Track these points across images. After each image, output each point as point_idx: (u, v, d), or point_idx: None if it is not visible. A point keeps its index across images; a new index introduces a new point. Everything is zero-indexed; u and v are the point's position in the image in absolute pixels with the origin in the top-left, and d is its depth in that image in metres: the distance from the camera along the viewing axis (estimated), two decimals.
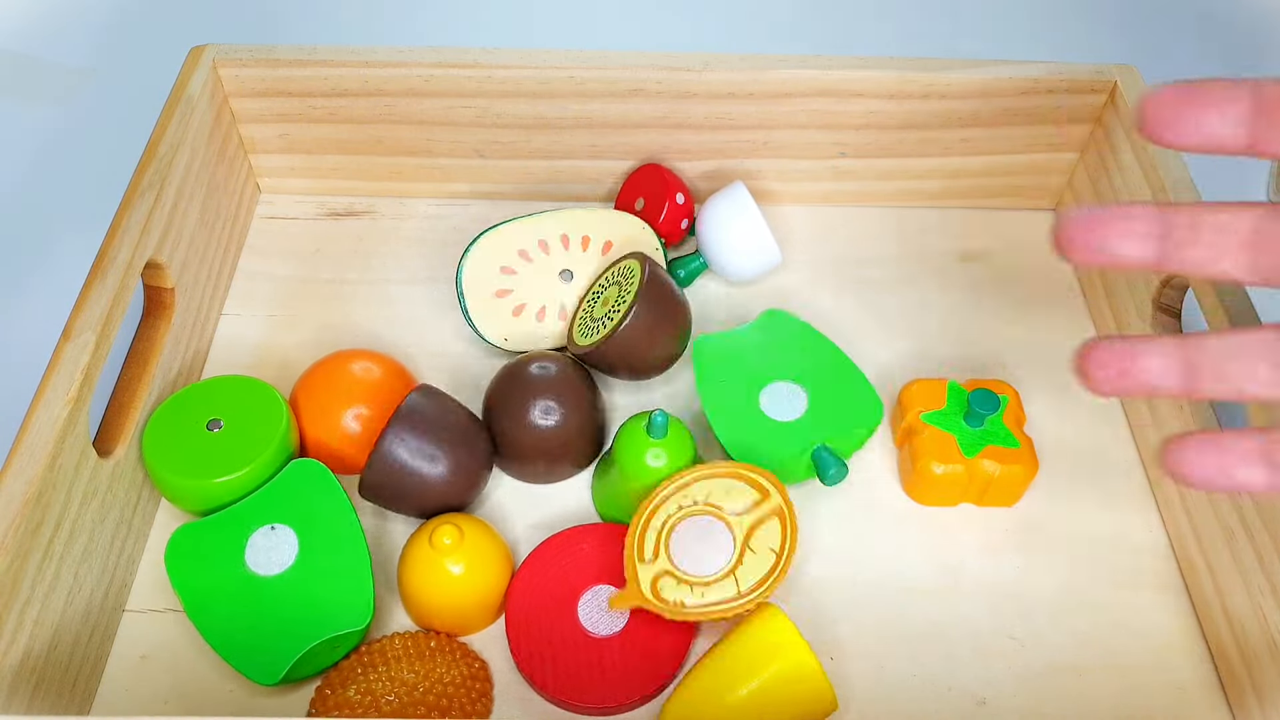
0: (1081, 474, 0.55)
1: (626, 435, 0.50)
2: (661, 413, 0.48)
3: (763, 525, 0.47)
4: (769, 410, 0.53)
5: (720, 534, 0.47)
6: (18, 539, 0.41)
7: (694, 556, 0.46)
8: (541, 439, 0.51)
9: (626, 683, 0.46)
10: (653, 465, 0.49)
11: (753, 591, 0.45)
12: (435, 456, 0.49)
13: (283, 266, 0.63)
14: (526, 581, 0.48)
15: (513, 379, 0.52)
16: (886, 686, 0.48)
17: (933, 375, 0.58)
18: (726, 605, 0.45)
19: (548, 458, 0.52)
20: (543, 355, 0.53)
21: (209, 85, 0.59)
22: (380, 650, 0.46)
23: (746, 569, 0.46)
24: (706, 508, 0.47)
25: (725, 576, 0.46)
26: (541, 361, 0.52)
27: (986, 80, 0.60)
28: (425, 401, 0.50)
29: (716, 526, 0.47)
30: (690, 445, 0.50)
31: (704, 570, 0.46)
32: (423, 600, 0.47)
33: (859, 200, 0.67)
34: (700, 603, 0.45)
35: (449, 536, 0.46)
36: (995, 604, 0.50)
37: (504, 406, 0.52)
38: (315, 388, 0.53)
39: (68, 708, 0.44)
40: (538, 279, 0.57)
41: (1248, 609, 0.46)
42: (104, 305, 0.47)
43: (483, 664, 0.47)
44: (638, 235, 0.59)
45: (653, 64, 0.60)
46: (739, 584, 0.45)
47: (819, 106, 0.61)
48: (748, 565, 0.46)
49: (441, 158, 0.65)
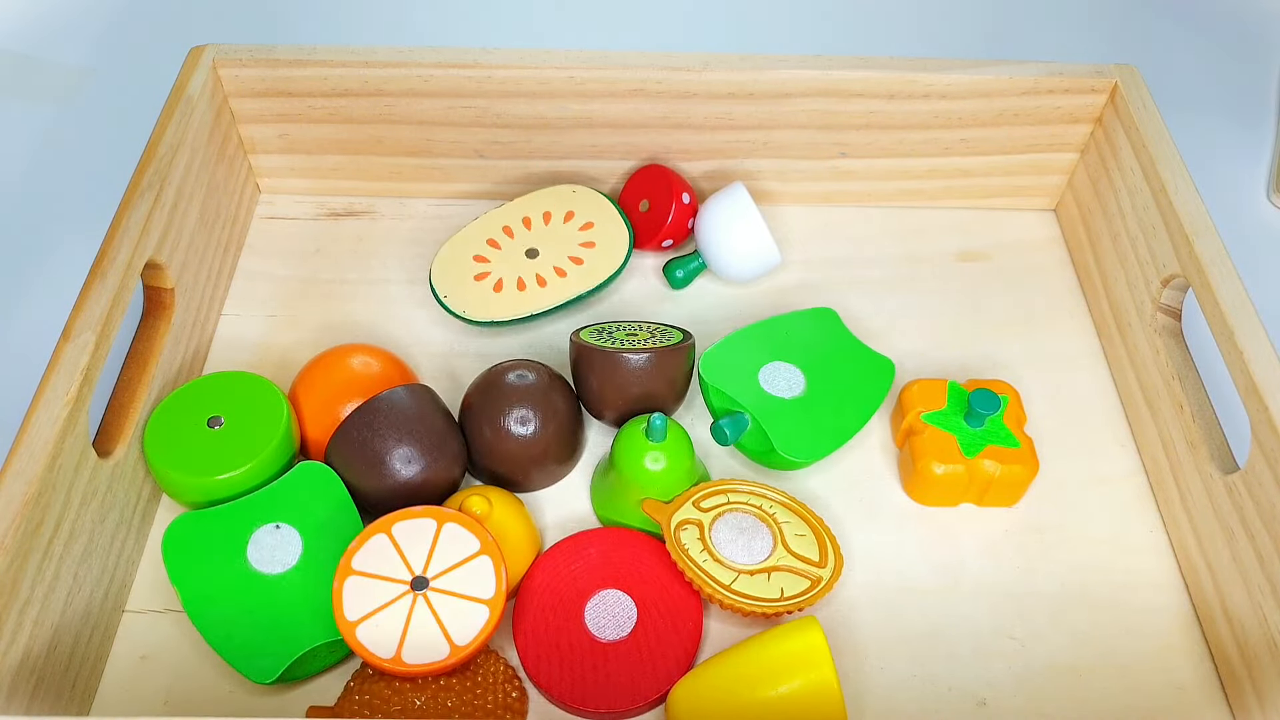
0: (1082, 474, 0.55)
1: (625, 439, 0.50)
2: (660, 416, 0.48)
3: (794, 574, 0.48)
4: (769, 387, 0.53)
5: (760, 546, 0.48)
6: (18, 539, 0.41)
7: (728, 539, 0.48)
8: (518, 447, 0.51)
9: (633, 687, 0.45)
10: (652, 469, 0.49)
11: (735, 593, 0.46)
12: (409, 456, 0.49)
13: (283, 266, 0.63)
14: (535, 585, 0.48)
15: (489, 387, 0.52)
16: (887, 686, 0.47)
17: (933, 375, 0.58)
18: (709, 580, 0.46)
19: (522, 466, 0.52)
20: (521, 364, 0.53)
21: (209, 85, 0.59)
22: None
23: (751, 582, 0.47)
24: (773, 523, 0.49)
25: (728, 567, 0.47)
26: (520, 370, 0.52)
27: (986, 80, 0.60)
28: (407, 397, 0.50)
29: (763, 541, 0.48)
30: (689, 449, 0.50)
31: (724, 550, 0.47)
32: None
33: (859, 200, 0.67)
34: (696, 560, 0.47)
35: (478, 507, 0.47)
36: (995, 604, 0.50)
37: (480, 413, 0.51)
38: (314, 382, 0.53)
39: (68, 708, 0.44)
40: (509, 258, 0.59)
41: (1248, 609, 0.46)
42: (104, 305, 0.47)
43: (521, 694, 0.46)
44: (598, 203, 0.61)
45: (653, 64, 0.60)
46: (735, 580, 0.47)
47: (819, 106, 0.61)
48: (754, 581, 0.47)
49: (441, 158, 0.65)
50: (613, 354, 0.51)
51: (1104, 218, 0.61)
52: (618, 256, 0.59)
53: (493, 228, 0.61)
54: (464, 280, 0.59)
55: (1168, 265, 0.53)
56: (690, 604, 0.48)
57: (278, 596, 0.46)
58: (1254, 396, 0.46)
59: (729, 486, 0.50)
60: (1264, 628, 0.45)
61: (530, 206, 0.62)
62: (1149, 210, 0.56)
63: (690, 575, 0.47)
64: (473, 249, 0.60)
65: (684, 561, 0.47)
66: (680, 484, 0.50)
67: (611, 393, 0.52)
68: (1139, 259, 0.56)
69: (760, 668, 0.44)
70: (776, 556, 0.48)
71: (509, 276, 0.59)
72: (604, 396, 0.52)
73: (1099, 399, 0.58)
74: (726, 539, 0.48)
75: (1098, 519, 0.53)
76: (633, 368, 0.51)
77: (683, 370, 0.53)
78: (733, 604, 0.46)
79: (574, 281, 0.58)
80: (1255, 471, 0.45)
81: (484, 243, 0.60)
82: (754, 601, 0.46)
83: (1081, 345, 0.61)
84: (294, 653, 0.45)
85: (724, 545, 0.48)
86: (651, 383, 0.52)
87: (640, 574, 0.48)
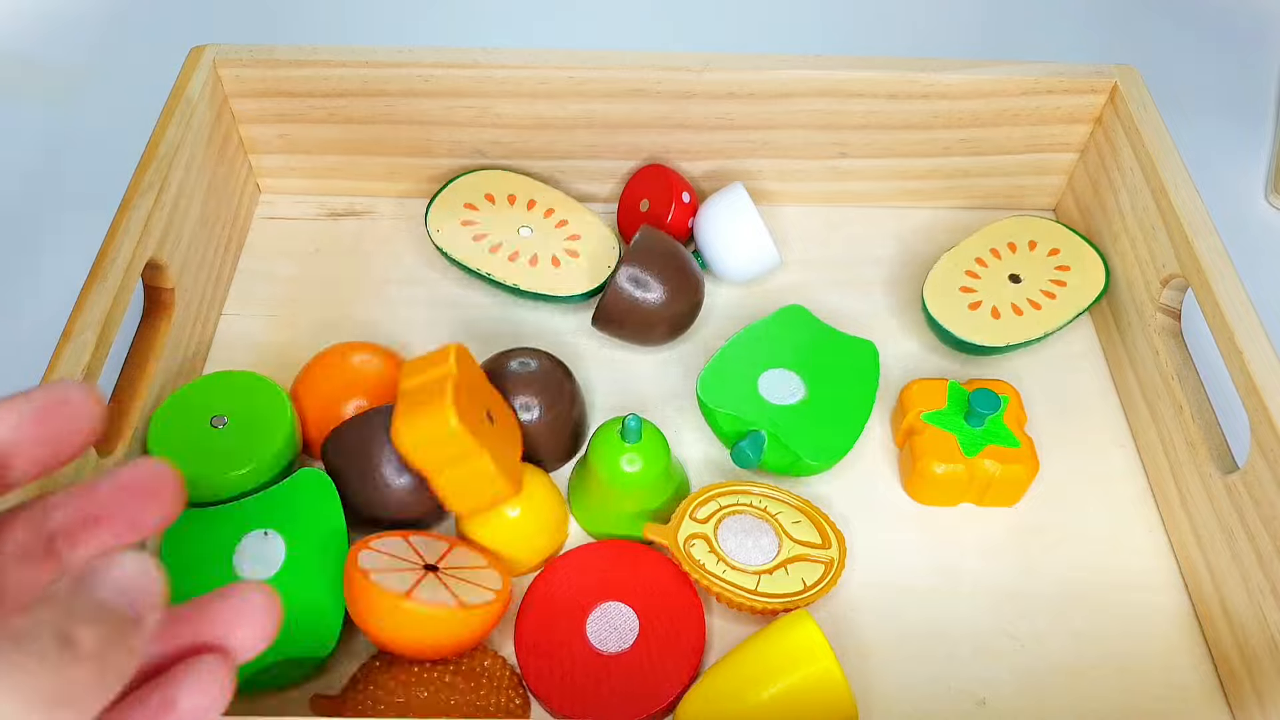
0: (1082, 474, 0.55)
1: (600, 440, 0.50)
2: (635, 417, 0.48)
3: (808, 561, 0.48)
4: (767, 394, 0.53)
5: (768, 543, 0.48)
6: None
7: (737, 544, 0.48)
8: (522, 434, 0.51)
9: (635, 700, 0.45)
10: (628, 470, 0.49)
11: (763, 595, 0.46)
12: (402, 468, 0.48)
13: (283, 266, 0.63)
14: (536, 598, 0.48)
15: (492, 376, 0.52)
16: (886, 686, 0.47)
17: (933, 375, 0.58)
18: (737, 590, 0.46)
19: (527, 450, 0.52)
20: (523, 351, 0.53)
21: (209, 85, 0.59)
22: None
23: (773, 580, 0.47)
24: (769, 518, 0.49)
25: (747, 572, 0.47)
26: (522, 358, 0.52)
27: (986, 80, 0.60)
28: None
29: (768, 537, 0.48)
30: (665, 450, 0.50)
31: (736, 555, 0.48)
32: (476, 540, 0.48)
33: (859, 200, 0.67)
34: (716, 572, 0.47)
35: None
36: (995, 604, 0.50)
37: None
38: (315, 380, 0.53)
39: None
40: (497, 219, 0.61)
41: (1248, 609, 0.46)
42: (104, 305, 0.47)
43: (525, 701, 0.46)
44: (589, 220, 0.62)
45: (653, 64, 0.60)
46: (759, 583, 0.47)
47: (819, 106, 0.61)
48: (775, 578, 0.47)
49: (441, 158, 0.65)
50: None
51: (1104, 218, 0.61)
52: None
53: (480, 190, 0.63)
54: (454, 221, 0.61)
55: (1167, 265, 0.53)
56: (693, 614, 0.48)
57: None
58: (1254, 396, 0.46)
59: (717, 491, 0.50)
60: (1264, 628, 0.45)
61: (517, 187, 0.63)
62: (1149, 210, 0.56)
63: (714, 589, 0.47)
64: (467, 197, 0.62)
65: (704, 577, 0.47)
66: (659, 485, 0.50)
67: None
68: (1139, 259, 0.56)
69: (761, 669, 0.44)
70: (786, 549, 0.48)
71: (492, 235, 0.60)
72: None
73: (1099, 399, 0.58)
74: (736, 544, 0.48)
75: (1098, 519, 0.53)
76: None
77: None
78: (764, 607, 0.46)
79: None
80: (1255, 471, 0.45)
81: (481, 196, 0.62)
82: (784, 599, 0.46)
83: (1081, 345, 0.61)
84: (251, 665, 0.44)
85: (735, 551, 0.48)
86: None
87: (641, 586, 0.48)
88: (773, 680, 0.43)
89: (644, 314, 0.55)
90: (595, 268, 0.59)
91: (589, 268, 0.59)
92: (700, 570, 0.47)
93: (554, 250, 0.60)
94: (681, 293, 0.56)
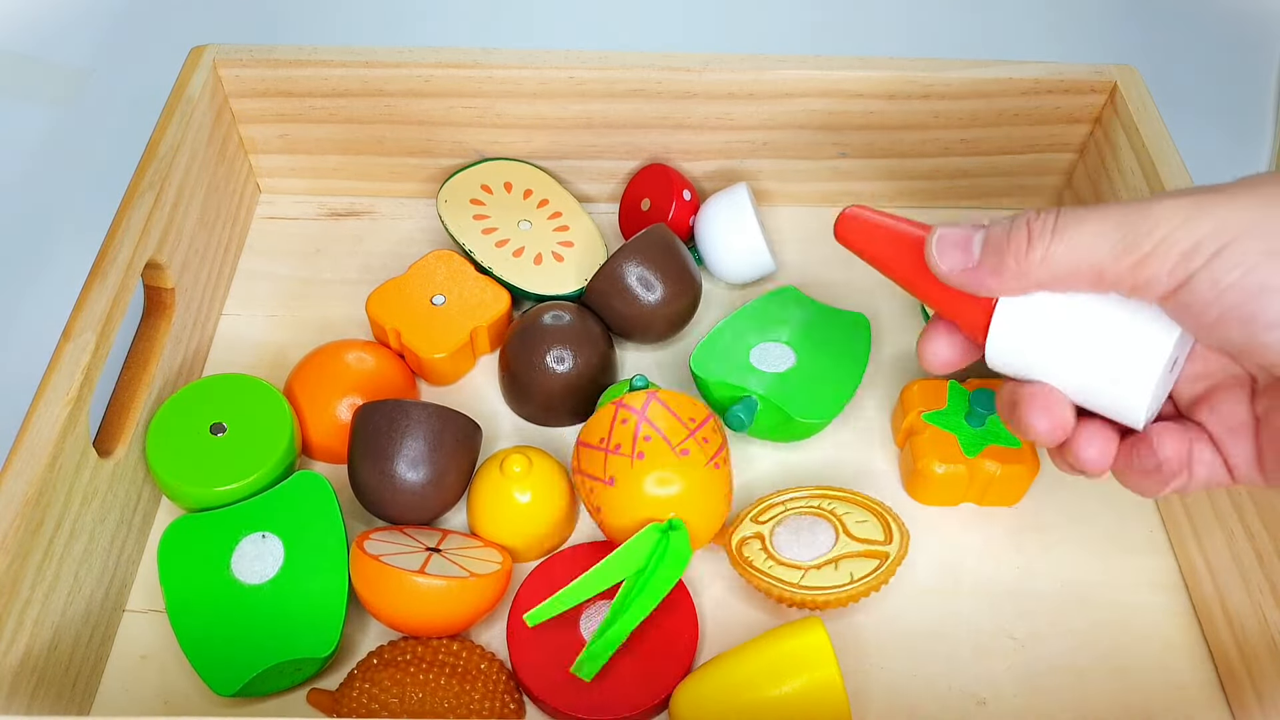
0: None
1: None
2: (641, 377, 0.51)
3: (863, 557, 0.48)
4: (759, 364, 0.54)
5: (823, 539, 0.48)
6: (18, 539, 0.41)
7: (788, 541, 0.48)
8: (552, 383, 0.53)
9: (630, 694, 0.45)
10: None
11: (805, 588, 0.47)
12: (415, 462, 0.49)
13: (283, 266, 0.63)
14: (530, 594, 0.48)
15: (528, 328, 0.54)
16: (887, 686, 0.48)
17: (934, 375, 0.58)
18: (780, 583, 0.47)
19: (553, 400, 0.54)
20: (558, 305, 0.55)
21: (209, 85, 0.59)
22: (431, 652, 0.46)
23: (820, 574, 0.47)
24: (830, 516, 0.49)
25: (795, 566, 0.47)
26: (556, 311, 0.55)
27: (986, 80, 0.60)
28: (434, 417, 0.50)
29: (825, 534, 0.48)
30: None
31: (786, 551, 0.48)
32: (488, 525, 0.49)
33: (859, 200, 0.67)
34: (762, 568, 0.47)
35: (519, 465, 0.48)
36: (995, 604, 0.50)
37: (519, 350, 0.54)
38: (309, 378, 0.54)
39: (68, 708, 0.44)
40: (501, 208, 0.61)
41: (1248, 609, 0.46)
42: (104, 305, 0.47)
43: (519, 705, 0.46)
44: (577, 212, 0.63)
45: (653, 64, 0.60)
46: (803, 577, 0.47)
47: (819, 106, 0.61)
48: (823, 573, 0.47)
49: (441, 158, 0.65)
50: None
51: None
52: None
53: (480, 179, 0.63)
54: (463, 206, 0.61)
55: None
56: (685, 611, 0.48)
57: (252, 608, 0.46)
58: None
59: (785, 496, 0.50)
60: (1264, 628, 0.45)
61: (514, 176, 0.64)
62: None
63: (758, 585, 0.47)
64: (479, 185, 0.63)
65: (749, 574, 0.47)
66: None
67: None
68: None
69: (764, 668, 0.44)
70: (840, 546, 0.48)
71: (501, 228, 0.61)
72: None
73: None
74: (787, 541, 0.48)
75: (1098, 519, 0.53)
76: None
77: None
78: (802, 600, 0.47)
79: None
80: None
81: (479, 188, 0.63)
82: (825, 591, 0.47)
83: None
84: (256, 667, 0.44)
85: (785, 548, 0.48)
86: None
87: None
88: (775, 682, 0.43)
89: (640, 308, 0.56)
90: (581, 270, 0.60)
91: (574, 271, 0.59)
92: (747, 566, 0.48)
93: (543, 248, 0.60)
94: (680, 293, 0.56)
